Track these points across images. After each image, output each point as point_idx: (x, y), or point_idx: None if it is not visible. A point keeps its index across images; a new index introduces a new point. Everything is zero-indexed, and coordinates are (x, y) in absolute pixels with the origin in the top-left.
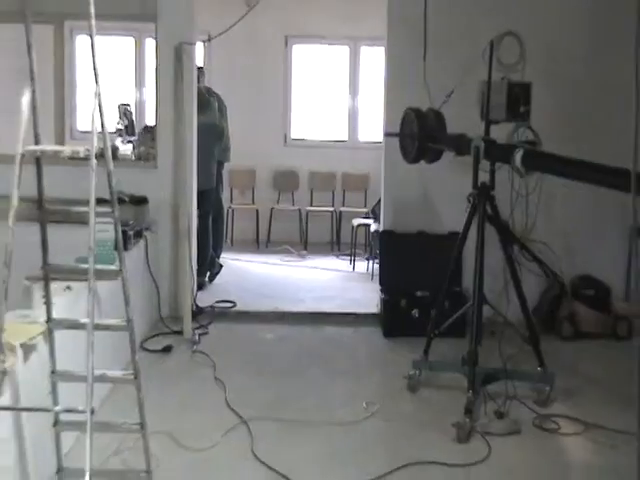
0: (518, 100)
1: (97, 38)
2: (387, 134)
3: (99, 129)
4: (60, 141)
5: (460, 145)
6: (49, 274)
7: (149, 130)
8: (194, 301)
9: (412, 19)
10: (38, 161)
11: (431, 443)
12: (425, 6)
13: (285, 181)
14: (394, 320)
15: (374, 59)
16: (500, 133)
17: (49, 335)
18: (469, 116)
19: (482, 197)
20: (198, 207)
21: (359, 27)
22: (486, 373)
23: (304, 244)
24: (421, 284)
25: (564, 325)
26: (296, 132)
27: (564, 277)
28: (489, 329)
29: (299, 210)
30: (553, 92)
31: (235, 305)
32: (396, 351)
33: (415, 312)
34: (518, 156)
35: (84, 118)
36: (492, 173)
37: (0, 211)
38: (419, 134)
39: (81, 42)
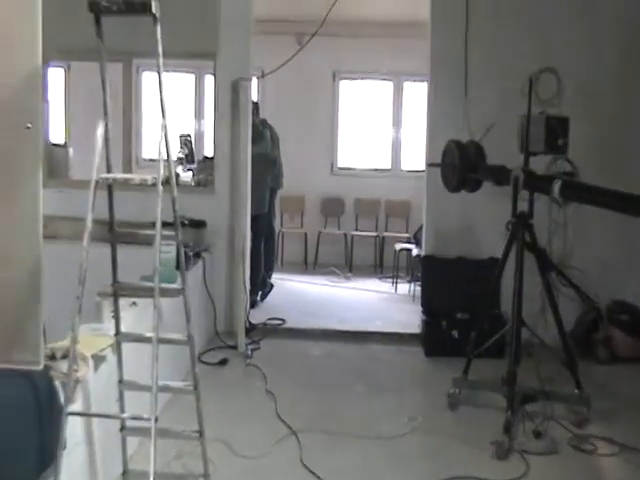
0: (556, 133)
1: (166, 76)
2: (430, 164)
3: (165, 158)
4: (127, 168)
5: (500, 176)
6: (118, 291)
7: (208, 160)
8: (247, 318)
9: (453, 55)
10: (110, 188)
11: (470, 459)
12: (466, 43)
13: (332, 207)
14: (435, 340)
15: (416, 93)
16: (538, 165)
17: (117, 347)
18: (508, 148)
19: (521, 225)
20: (251, 230)
21: (402, 63)
22: (524, 393)
23: (349, 266)
24: (461, 306)
25: (600, 349)
26: (342, 161)
27: (600, 302)
28: (527, 351)
29: (345, 234)
30: (589, 125)
31: (285, 322)
32: (437, 370)
33: (455, 333)
34: (556, 187)
35: (148, 147)
36: (531, 202)
37: (76, 232)
38: (460, 165)
39: (147, 78)
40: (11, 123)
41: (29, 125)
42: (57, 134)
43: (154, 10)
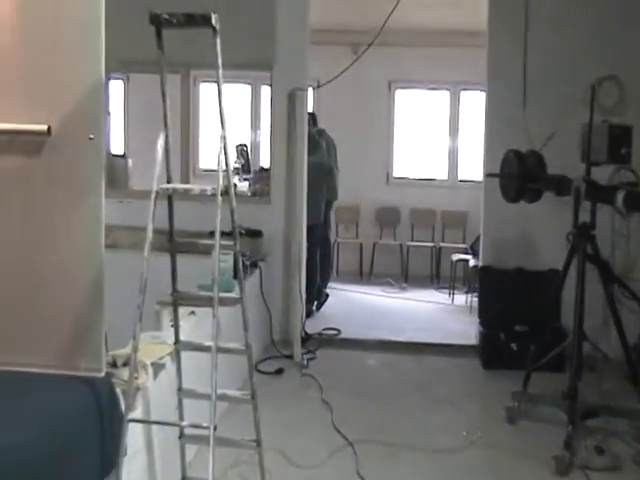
0: (619, 142)
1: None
2: (488, 175)
3: (224, 169)
4: (185, 178)
5: (561, 186)
6: (177, 300)
7: (264, 170)
8: (303, 328)
9: (512, 63)
10: (170, 198)
11: (531, 474)
12: (525, 51)
13: (387, 217)
14: (493, 353)
15: (473, 102)
16: (601, 174)
17: (177, 356)
18: (569, 158)
19: (582, 236)
20: (307, 240)
21: (459, 72)
22: (586, 408)
23: (405, 277)
24: (520, 318)
25: None
26: (398, 171)
27: None
28: (588, 365)
29: (400, 245)
30: None
31: (340, 333)
32: (495, 383)
33: (514, 345)
34: (620, 197)
35: (205, 158)
36: (593, 213)
37: (135, 242)
38: (519, 175)
39: (204, 89)
40: (74, 134)
41: (92, 136)
42: (117, 145)
43: (214, 22)
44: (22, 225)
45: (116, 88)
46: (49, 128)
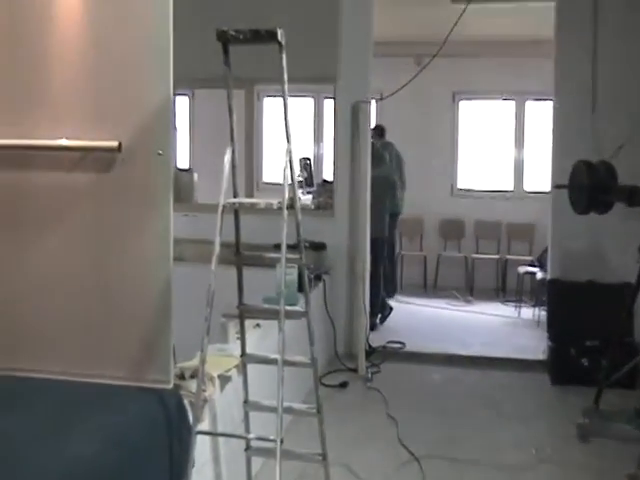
0: None
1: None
2: (557, 186)
3: (289, 182)
4: (249, 192)
5: (632, 197)
6: (244, 313)
7: (327, 183)
8: (367, 341)
9: (580, 73)
10: (236, 212)
11: None
12: (593, 61)
13: (452, 229)
14: (562, 368)
15: (539, 112)
16: None
17: (243, 368)
18: None
19: None
20: (371, 253)
21: (525, 82)
22: None
23: (470, 290)
24: (590, 333)
25: None
26: (463, 183)
27: None
28: None
29: (465, 257)
30: None
31: (405, 346)
32: (564, 399)
33: (585, 361)
34: None
35: (268, 171)
36: None
37: (201, 254)
38: (589, 186)
39: (267, 103)
40: (144, 150)
41: (160, 152)
42: (182, 159)
43: (280, 38)
44: (93, 239)
45: (182, 103)
46: (119, 144)
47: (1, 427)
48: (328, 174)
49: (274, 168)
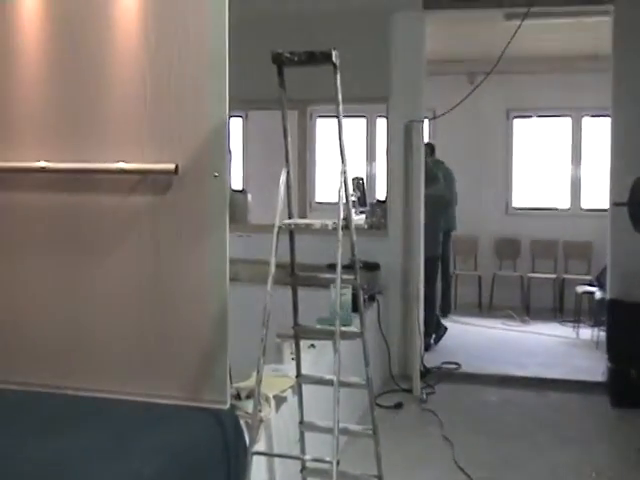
0: None
1: (334, 120)
2: (616, 204)
3: (344, 203)
4: (302, 212)
5: None
6: (299, 334)
7: (380, 203)
8: (422, 361)
9: (639, 87)
10: (291, 233)
11: None
12: None
13: (507, 248)
14: (623, 390)
15: (596, 129)
16: None
17: (298, 389)
18: None
19: None
20: (425, 273)
21: (581, 98)
22: None
23: (526, 310)
24: None
25: None
26: (518, 201)
27: None
28: None
29: (521, 276)
30: None
31: (460, 367)
32: (625, 422)
33: None
34: None
35: (321, 191)
36: None
37: (255, 275)
38: None
39: (320, 124)
40: (200, 172)
41: (216, 174)
42: (236, 180)
43: (334, 59)
44: (151, 260)
45: (235, 125)
46: (176, 167)
47: (64, 445)
48: (381, 193)
49: (326, 188)
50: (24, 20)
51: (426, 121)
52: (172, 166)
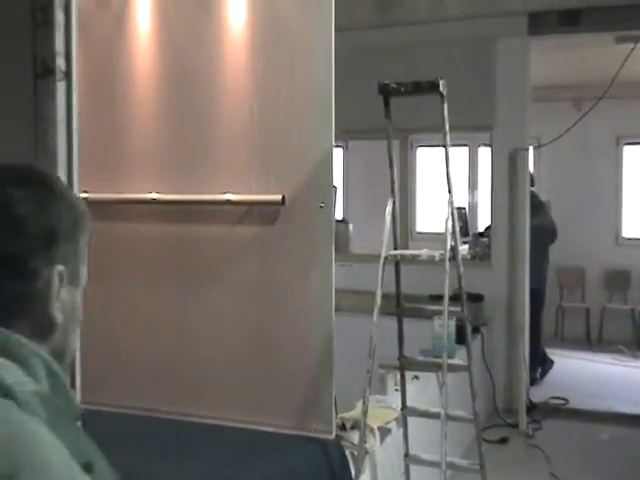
0: None
1: (434, 149)
2: None
3: (451, 233)
4: (404, 242)
5: None
6: (404, 365)
7: (483, 232)
8: (527, 396)
9: None
10: (397, 264)
11: None
12: None
13: (617, 280)
14: None
15: None
16: None
17: (403, 421)
18: None
19: None
20: (531, 305)
21: None
22: None
23: (638, 345)
24: None
25: None
26: (628, 231)
27: None
28: None
29: (632, 309)
30: None
31: (568, 402)
32: None
33: None
34: None
35: (421, 221)
36: None
37: (356, 304)
38: None
39: (420, 153)
40: (306, 203)
41: (322, 204)
42: (337, 209)
43: (441, 89)
44: (258, 290)
45: (336, 155)
46: (283, 198)
47: (175, 469)
48: (483, 223)
49: (427, 217)
50: (137, 55)
51: (531, 149)
52: (279, 197)
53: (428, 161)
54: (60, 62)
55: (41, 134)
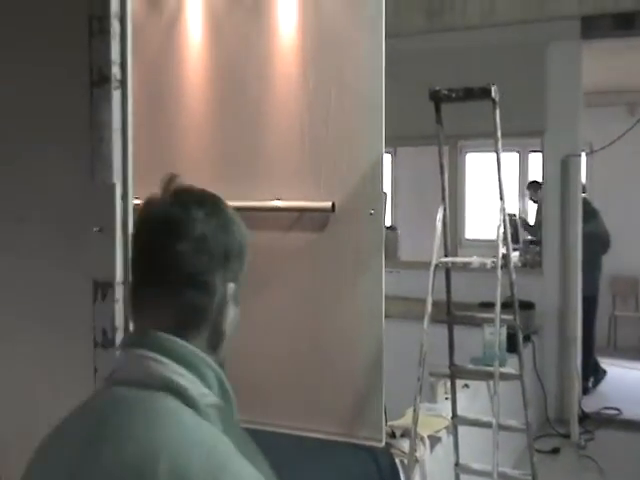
0: None
1: (484, 155)
2: None
3: (503, 240)
4: (453, 249)
5: None
6: (455, 374)
7: (534, 239)
8: (579, 405)
9: None
10: (448, 271)
11: None
12: None
13: None
14: None
15: None
16: None
17: (454, 430)
18: None
19: None
20: (583, 313)
21: None
22: None
23: None
24: None
25: None
26: None
27: None
28: None
29: None
30: None
31: (621, 413)
32: None
33: None
34: None
35: (470, 228)
36: None
37: (404, 311)
38: None
39: (470, 159)
40: (356, 210)
41: (372, 211)
42: (386, 217)
43: (494, 95)
44: (308, 297)
45: (385, 161)
46: (333, 205)
47: None
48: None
49: (475, 224)
50: (188, 64)
51: (583, 155)
52: (329, 204)
53: (477, 166)
54: (115, 70)
55: (97, 141)
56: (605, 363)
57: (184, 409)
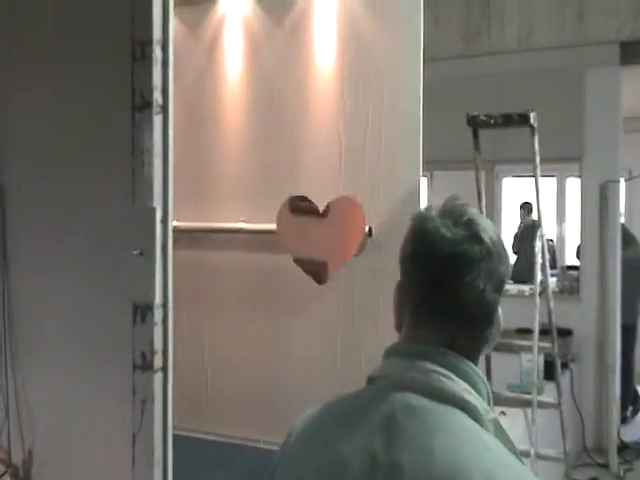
0: None
1: (521, 180)
2: None
3: (540, 266)
4: None
5: None
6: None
7: (571, 265)
8: (618, 435)
9: None
10: None
11: None
12: None
13: None
14: None
15: None
16: None
17: None
18: None
19: None
20: (623, 341)
21: None
22: None
23: None
24: None
25: None
26: None
27: None
28: None
29: None
30: None
31: None
32: None
33: None
34: None
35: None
36: None
37: None
38: None
39: (506, 183)
40: (394, 235)
41: None
42: None
43: (532, 121)
44: (344, 319)
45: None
46: (370, 229)
47: None
48: (571, 256)
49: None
50: (227, 88)
51: (622, 181)
52: (366, 228)
53: (514, 191)
54: (157, 96)
55: (138, 165)
56: None
57: (480, 428)
